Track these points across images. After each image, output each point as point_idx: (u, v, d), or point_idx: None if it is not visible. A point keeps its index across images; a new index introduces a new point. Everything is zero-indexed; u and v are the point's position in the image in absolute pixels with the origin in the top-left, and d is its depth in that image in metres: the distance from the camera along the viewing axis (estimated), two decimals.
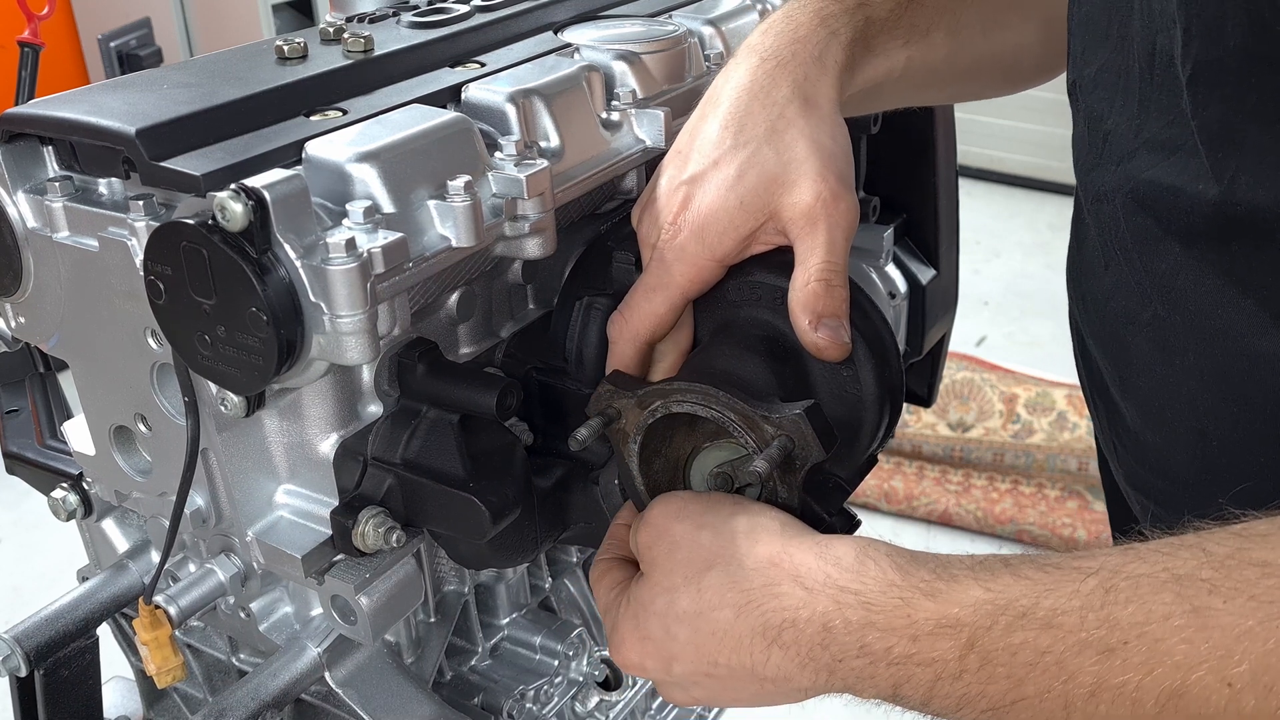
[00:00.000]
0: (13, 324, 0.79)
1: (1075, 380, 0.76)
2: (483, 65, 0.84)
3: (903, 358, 1.01)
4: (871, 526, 0.65)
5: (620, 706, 1.04)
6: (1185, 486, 0.70)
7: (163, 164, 0.66)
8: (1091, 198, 0.72)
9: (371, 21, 0.88)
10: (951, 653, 0.56)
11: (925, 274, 1.10)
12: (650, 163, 0.85)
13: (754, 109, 0.74)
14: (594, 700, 1.02)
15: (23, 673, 0.87)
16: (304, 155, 0.69)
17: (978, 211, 4.41)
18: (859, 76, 0.80)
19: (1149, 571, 0.52)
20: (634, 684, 1.05)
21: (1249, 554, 0.50)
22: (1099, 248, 0.72)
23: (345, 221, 0.65)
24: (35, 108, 0.71)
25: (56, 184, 0.71)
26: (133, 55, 2.22)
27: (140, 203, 0.67)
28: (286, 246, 0.61)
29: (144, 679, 1.03)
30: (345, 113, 0.74)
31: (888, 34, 0.81)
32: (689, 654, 0.66)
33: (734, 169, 0.73)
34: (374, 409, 0.76)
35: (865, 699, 0.61)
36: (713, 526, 0.67)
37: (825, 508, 0.70)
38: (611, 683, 1.03)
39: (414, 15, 0.87)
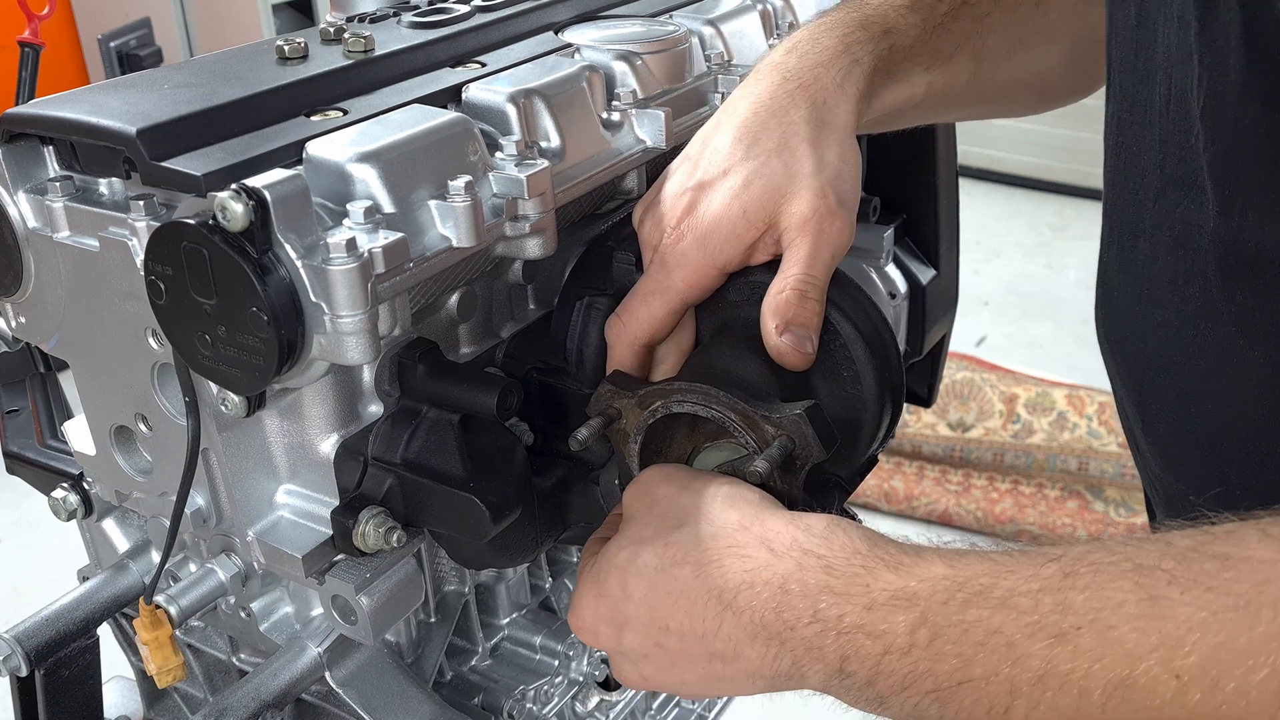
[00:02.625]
0: (13, 324, 0.79)
1: (1075, 380, 0.76)
2: (483, 65, 0.83)
3: (903, 358, 1.01)
4: (871, 526, 0.65)
5: (620, 706, 1.04)
6: None
7: (163, 164, 0.66)
8: (1129, 234, 0.72)
9: (372, 21, 0.88)
10: (903, 626, 0.55)
11: (925, 274, 1.10)
12: (651, 163, 0.85)
13: (769, 125, 0.75)
14: (594, 700, 1.02)
15: (23, 672, 0.87)
16: (304, 155, 0.69)
17: (978, 211, 4.42)
18: (878, 103, 0.81)
19: (1111, 560, 0.52)
20: None
21: (1211, 547, 0.50)
22: (1130, 289, 0.72)
23: (346, 221, 0.65)
24: (35, 108, 0.71)
25: (57, 184, 0.71)
26: (133, 55, 2.22)
27: (141, 203, 0.67)
28: (287, 246, 0.61)
29: (144, 679, 1.03)
30: (346, 113, 0.74)
31: (910, 61, 0.81)
32: (642, 616, 0.66)
33: (741, 178, 0.74)
34: (374, 409, 0.76)
35: (812, 688, 0.61)
36: (695, 490, 0.68)
37: (825, 508, 0.70)
38: (611, 683, 1.02)
39: (414, 15, 0.87)
